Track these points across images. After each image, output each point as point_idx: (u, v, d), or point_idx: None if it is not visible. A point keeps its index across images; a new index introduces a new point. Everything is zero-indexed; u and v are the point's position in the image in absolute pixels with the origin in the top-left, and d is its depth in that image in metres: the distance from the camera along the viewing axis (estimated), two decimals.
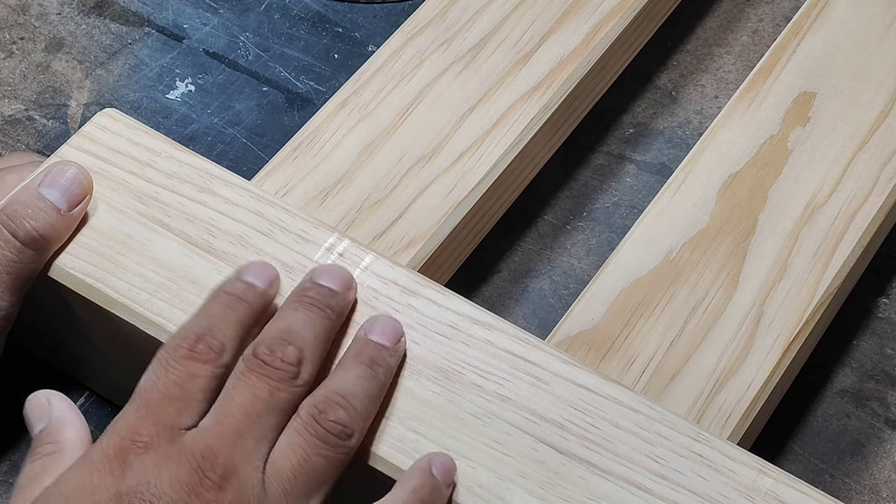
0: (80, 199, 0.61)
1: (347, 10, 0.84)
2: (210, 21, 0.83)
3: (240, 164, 0.77)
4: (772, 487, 0.55)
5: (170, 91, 0.80)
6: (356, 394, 0.54)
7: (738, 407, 0.61)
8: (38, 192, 0.60)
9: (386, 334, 0.57)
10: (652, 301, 0.65)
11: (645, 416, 0.56)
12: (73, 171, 0.61)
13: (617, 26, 0.74)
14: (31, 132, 0.78)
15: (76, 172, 0.61)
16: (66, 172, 0.61)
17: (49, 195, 0.60)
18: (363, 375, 0.55)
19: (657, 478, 0.55)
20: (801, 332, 0.64)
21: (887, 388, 0.69)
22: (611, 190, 0.76)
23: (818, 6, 0.76)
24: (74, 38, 0.82)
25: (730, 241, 0.67)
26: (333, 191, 0.67)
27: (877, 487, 0.66)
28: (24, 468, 0.54)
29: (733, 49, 0.82)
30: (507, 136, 0.69)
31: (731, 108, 0.72)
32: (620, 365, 0.63)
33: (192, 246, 0.61)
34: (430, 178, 0.68)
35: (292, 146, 0.69)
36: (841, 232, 0.67)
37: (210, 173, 0.63)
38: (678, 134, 0.78)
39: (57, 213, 0.60)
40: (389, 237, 0.66)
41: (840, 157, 0.70)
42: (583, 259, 0.73)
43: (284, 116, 0.79)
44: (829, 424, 0.68)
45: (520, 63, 0.72)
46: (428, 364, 0.57)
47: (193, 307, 0.59)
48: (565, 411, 0.56)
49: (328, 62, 0.81)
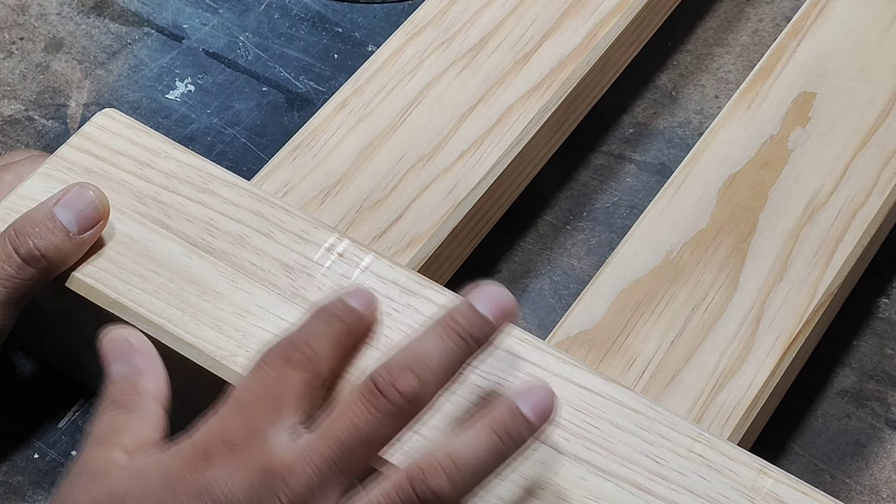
0: (93, 223, 0.60)
1: (347, 10, 0.84)
2: (210, 21, 0.83)
3: (240, 164, 0.77)
4: (772, 488, 0.55)
5: (169, 91, 0.80)
6: (471, 465, 0.50)
7: (738, 407, 0.61)
8: (51, 212, 0.59)
9: (536, 408, 0.51)
10: (652, 301, 0.65)
11: (645, 416, 0.56)
12: (90, 195, 0.60)
13: (617, 26, 0.74)
14: (30, 132, 0.78)
15: (93, 196, 0.60)
16: (84, 195, 0.60)
17: (61, 216, 0.59)
18: (491, 449, 0.51)
19: (657, 478, 0.55)
20: (801, 332, 0.64)
21: (887, 388, 0.69)
22: (611, 190, 0.76)
23: (818, 6, 0.76)
24: (74, 38, 0.82)
25: (730, 241, 0.67)
26: (333, 191, 0.67)
27: (877, 488, 0.66)
28: (100, 414, 0.54)
29: (733, 49, 0.82)
30: (507, 136, 0.69)
31: (731, 108, 0.72)
32: (620, 365, 0.63)
33: (192, 246, 0.61)
34: (430, 178, 0.68)
35: (292, 146, 0.69)
36: (841, 232, 0.67)
37: (210, 173, 0.63)
38: (678, 134, 0.78)
39: (66, 234, 0.59)
40: (389, 237, 0.66)
41: (840, 157, 0.70)
42: (583, 259, 0.73)
43: (284, 116, 0.79)
44: (829, 425, 0.68)
45: (520, 63, 0.72)
46: None
47: (194, 308, 0.59)
48: (565, 411, 0.56)
49: (328, 62, 0.81)
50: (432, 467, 0.50)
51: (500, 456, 0.51)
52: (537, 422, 0.51)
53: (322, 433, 0.51)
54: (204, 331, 0.58)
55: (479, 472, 0.50)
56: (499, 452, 0.51)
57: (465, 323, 0.52)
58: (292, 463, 0.50)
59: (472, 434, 0.51)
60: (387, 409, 0.50)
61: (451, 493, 0.50)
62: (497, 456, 0.51)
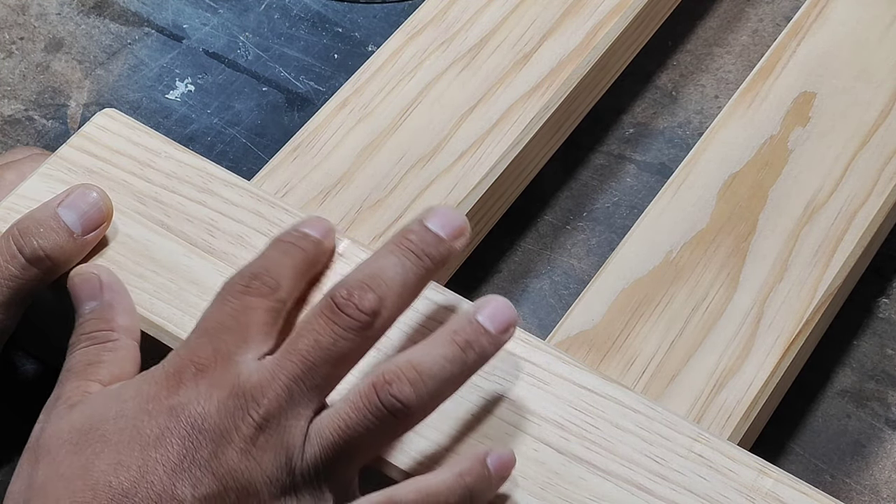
0: (97, 224, 0.60)
1: (347, 10, 0.84)
2: (210, 21, 0.83)
3: (240, 164, 0.77)
4: (772, 488, 0.55)
5: (169, 91, 0.80)
6: (434, 374, 0.51)
7: (739, 407, 0.61)
8: (55, 212, 0.60)
9: (495, 319, 0.53)
10: (652, 301, 0.65)
11: (645, 416, 0.56)
12: (94, 196, 0.60)
13: (617, 26, 0.74)
14: (30, 132, 0.78)
15: (97, 198, 0.60)
16: (88, 196, 0.60)
17: (65, 217, 0.60)
18: (450, 357, 0.52)
19: (657, 478, 0.55)
20: (801, 332, 0.64)
21: (887, 388, 0.69)
22: (611, 190, 0.76)
23: (818, 6, 0.76)
24: (74, 38, 0.82)
25: (730, 241, 0.67)
26: (333, 191, 0.67)
27: (877, 488, 0.66)
28: (73, 350, 0.56)
29: (733, 49, 0.82)
30: (507, 136, 0.69)
31: (732, 108, 0.72)
32: (620, 365, 0.63)
33: (192, 246, 0.61)
34: (430, 178, 0.68)
35: (292, 146, 0.69)
36: (841, 232, 0.67)
37: (210, 173, 0.63)
38: (678, 134, 0.78)
39: (69, 235, 0.59)
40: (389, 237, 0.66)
41: (840, 157, 0.70)
42: (583, 259, 0.73)
43: (284, 116, 0.79)
44: (829, 425, 0.68)
45: (520, 63, 0.72)
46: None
47: (194, 308, 0.59)
48: (565, 411, 0.56)
49: (328, 62, 0.81)
50: (395, 374, 0.51)
51: (462, 366, 0.52)
52: (495, 331, 0.53)
53: (285, 351, 0.52)
54: None
55: (442, 381, 0.52)
56: (460, 361, 0.52)
57: (417, 239, 0.54)
58: (260, 382, 0.51)
59: (432, 343, 0.52)
60: (347, 323, 0.52)
61: (415, 401, 0.51)
62: (459, 365, 0.52)
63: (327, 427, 0.51)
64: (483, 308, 0.53)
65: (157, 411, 0.51)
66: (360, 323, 0.52)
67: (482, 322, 0.53)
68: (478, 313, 0.53)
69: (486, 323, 0.53)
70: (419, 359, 0.52)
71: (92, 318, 0.57)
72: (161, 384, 0.52)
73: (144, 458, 0.51)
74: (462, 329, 0.53)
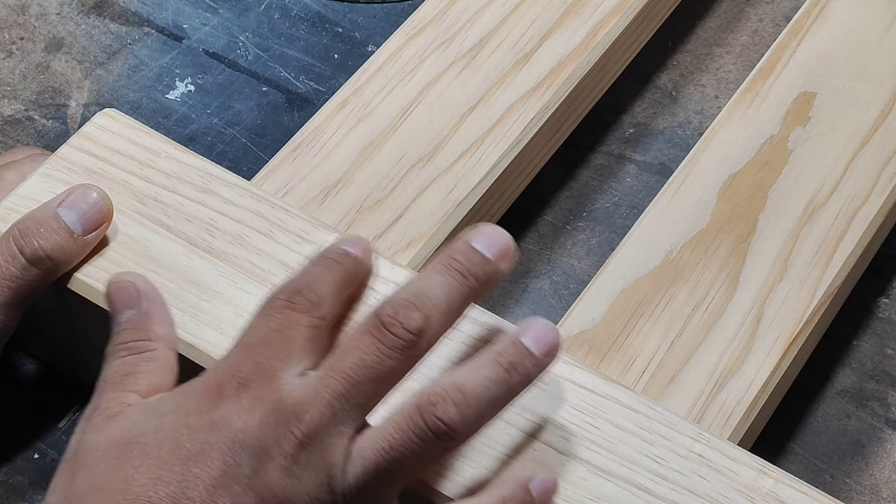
0: (97, 224, 0.60)
1: (347, 10, 0.84)
2: (210, 21, 0.83)
3: (240, 164, 0.77)
4: (772, 488, 0.55)
5: (169, 91, 0.80)
6: (479, 396, 0.51)
7: (739, 407, 0.61)
8: (55, 212, 0.60)
9: (539, 341, 0.52)
10: (652, 301, 0.65)
11: (645, 416, 0.56)
12: (94, 196, 0.60)
13: (617, 26, 0.74)
14: (30, 132, 0.78)
15: (97, 198, 0.60)
16: (88, 196, 0.60)
17: (66, 217, 0.60)
18: (495, 379, 0.51)
19: (657, 478, 0.55)
20: (801, 332, 0.64)
21: (887, 388, 0.69)
22: (611, 190, 0.76)
23: (818, 6, 0.76)
24: (74, 38, 0.82)
25: (730, 241, 0.67)
26: (333, 191, 0.67)
27: (877, 488, 0.66)
28: (111, 360, 0.55)
29: (733, 49, 0.82)
30: (507, 136, 0.69)
31: (731, 108, 0.72)
32: (620, 365, 0.63)
33: (192, 246, 0.61)
34: (429, 179, 0.68)
35: (292, 146, 0.69)
36: (841, 232, 0.67)
37: (210, 173, 0.63)
38: (678, 134, 0.78)
39: (70, 235, 0.59)
40: (389, 237, 0.66)
41: (840, 157, 0.70)
42: (583, 259, 0.73)
43: (284, 116, 0.79)
44: (829, 424, 0.68)
45: (520, 63, 0.72)
46: (428, 365, 0.57)
47: (194, 308, 0.59)
48: (565, 411, 0.56)
49: (328, 62, 0.81)
50: (440, 396, 0.50)
51: (507, 387, 0.51)
52: (539, 353, 0.52)
53: (330, 369, 0.51)
54: (204, 331, 0.58)
55: (486, 403, 0.51)
56: (504, 383, 0.51)
57: (464, 259, 0.53)
58: (304, 399, 0.50)
59: (476, 365, 0.51)
60: (392, 342, 0.51)
61: (460, 423, 0.50)
62: (503, 387, 0.51)
63: (370, 447, 0.50)
64: (527, 330, 0.53)
65: (198, 425, 0.51)
66: (405, 342, 0.51)
67: (526, 344, 0.52)
68: (522, 335, 0.52)
69: (530, 345, 0.52)
70: (463, 380, 0.51)
71: (129, 328, 0.56)
72: (202, 398, 0.51)
73: (184, 473, 0.50)
74: (506, 351, 0.52)
